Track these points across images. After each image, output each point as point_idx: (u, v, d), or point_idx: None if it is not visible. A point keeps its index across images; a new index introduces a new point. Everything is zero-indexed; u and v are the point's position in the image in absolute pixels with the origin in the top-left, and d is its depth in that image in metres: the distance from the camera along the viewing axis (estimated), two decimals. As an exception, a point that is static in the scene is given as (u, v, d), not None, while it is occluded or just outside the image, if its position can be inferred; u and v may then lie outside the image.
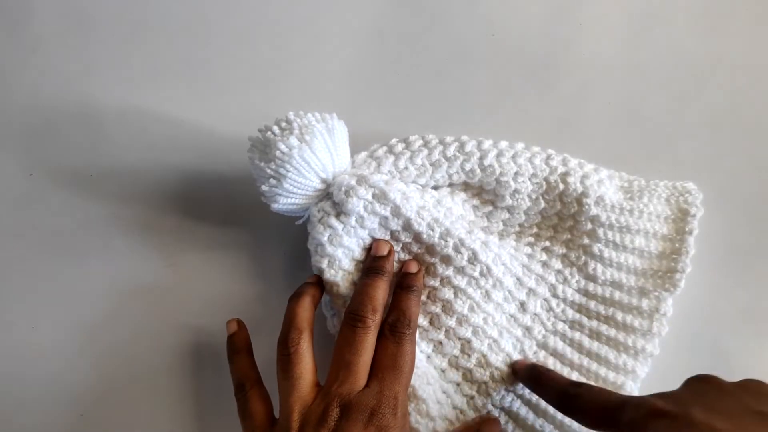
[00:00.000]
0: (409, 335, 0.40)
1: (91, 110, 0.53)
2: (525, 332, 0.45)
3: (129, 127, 0.52)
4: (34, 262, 0.49)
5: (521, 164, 0.45)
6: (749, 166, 0.51)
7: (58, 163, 0.52)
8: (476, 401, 0.43)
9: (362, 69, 0.54)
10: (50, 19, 0.55)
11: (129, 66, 0.54)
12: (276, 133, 0.41)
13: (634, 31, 0.54)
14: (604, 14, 0.55)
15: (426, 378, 0.42)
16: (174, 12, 0.55)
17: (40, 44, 0.54)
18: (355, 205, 0.42)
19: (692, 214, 0.47)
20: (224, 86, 0.53)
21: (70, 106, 0.53)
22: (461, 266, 0.44)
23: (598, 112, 0.53)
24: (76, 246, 0.50)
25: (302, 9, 0.55)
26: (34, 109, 0.53)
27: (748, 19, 0.54)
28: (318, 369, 0.40)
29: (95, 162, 0.51)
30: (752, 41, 0.54)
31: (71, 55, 0.54)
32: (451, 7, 0.55)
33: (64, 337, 0.48)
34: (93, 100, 0.53)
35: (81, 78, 0.54)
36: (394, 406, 0.37)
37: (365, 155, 0.45)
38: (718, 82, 0.53)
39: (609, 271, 0.47)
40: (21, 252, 0.50)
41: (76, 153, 0.52)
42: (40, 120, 0.53)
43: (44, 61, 0.54)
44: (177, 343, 0.48)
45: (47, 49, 0.54)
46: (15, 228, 0.50)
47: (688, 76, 0.53)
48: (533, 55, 0.54)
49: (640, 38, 0.54)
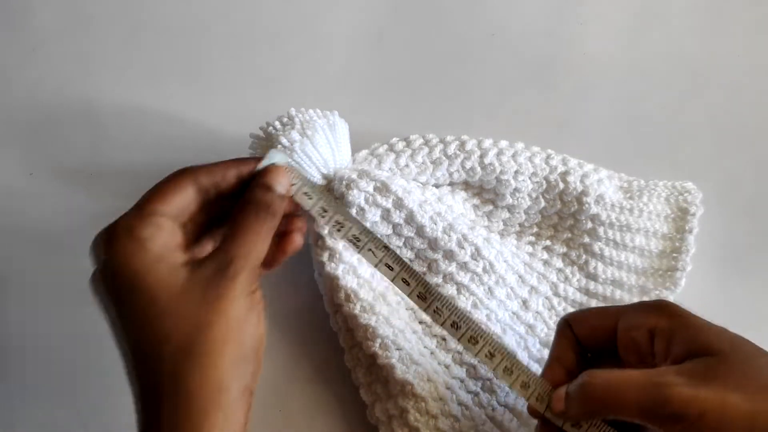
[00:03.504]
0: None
1: (91, 110, 0.53)
2: (528, 330, 0.45)
3: (129, 127, 0.52)
4: (34, 262, 0.49)
5: (521, 163, 0.45)
6: (749, 166, 0.51)
7: (58, 162, 0.51)
8: (481, 398, 0.43)
9: (362, 69, 0.54)
10: (50, 18, 0.55)
11: (129, 66, 0.54)
12: (277, 128, 0.41)
13: (635, 31, 0.55)
14: (604, 14, 0.55)
15: (426, 375, 0.42)
16: (174, 12, 0.55)
17: (40, 44, 0.54)
18: (356, 197, 0.42)
19: (692, 213, 0.47)
20: (224, 86, 0.53)
21: (69, 106, 0.53)
22: (464, 262, 0.44)
23: (598, 112, 0.53)
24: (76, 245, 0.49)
25: (302, 9, 0.55)
26: (34, 109, 0.53)
27: (748, 19, 0.55)
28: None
29: (95, 161, 0.51)
30: (752, 41, 0.54)
31: (71, 55, 0.54)
32: (451, 7, 0.55)
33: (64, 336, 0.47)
34: (93, 99, 0.53)
35: (81, 78, 0.54)
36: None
37: (366, 153, 0.45)
38: (718, 82, 0.53)
39: (610, 270, 0.47)
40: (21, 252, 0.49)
41: (76, 152, 0.52)
42: (40, 119, 0.53)
43: (44, 61, 0.54)
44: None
45: (47, 48, 0.54)
46: (15, 227, 0.50)
47: (688, 76, 0.54)
48: (533, 55, 0.54)
49: (641, 38, 0.55)
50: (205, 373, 0.31)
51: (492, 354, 0.38)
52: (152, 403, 0.31)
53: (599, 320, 0.38)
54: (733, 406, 0.30)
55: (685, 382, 0.31)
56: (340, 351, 0.45)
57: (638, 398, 0.32)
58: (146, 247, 0.33)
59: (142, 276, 0.32)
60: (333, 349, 0.45)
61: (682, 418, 0.31)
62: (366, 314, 0.42)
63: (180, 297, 0.32)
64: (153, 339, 0.31)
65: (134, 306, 0.32)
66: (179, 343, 0.31)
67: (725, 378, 0.31)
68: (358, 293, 0.42)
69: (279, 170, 0.37)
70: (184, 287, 0.32)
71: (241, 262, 0.33)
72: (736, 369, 0.31)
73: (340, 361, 0.45)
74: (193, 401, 0.31)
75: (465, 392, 0.43)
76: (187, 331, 0.31)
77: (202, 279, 0.32)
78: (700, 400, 0.30)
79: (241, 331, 0.33)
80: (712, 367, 0.32)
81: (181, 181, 0.36)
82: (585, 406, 0.35)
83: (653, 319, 0.35)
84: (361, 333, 0.42)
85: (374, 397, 0.43)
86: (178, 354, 0.31)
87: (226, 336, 0.32)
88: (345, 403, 0.45)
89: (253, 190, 0.36)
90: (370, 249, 0.38)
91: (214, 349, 0.32)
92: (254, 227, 0.35)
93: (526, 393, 0.37)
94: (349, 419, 0.45)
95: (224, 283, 0.33)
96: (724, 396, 0.30)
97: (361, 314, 0.42)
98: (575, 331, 0.40)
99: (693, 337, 0.34)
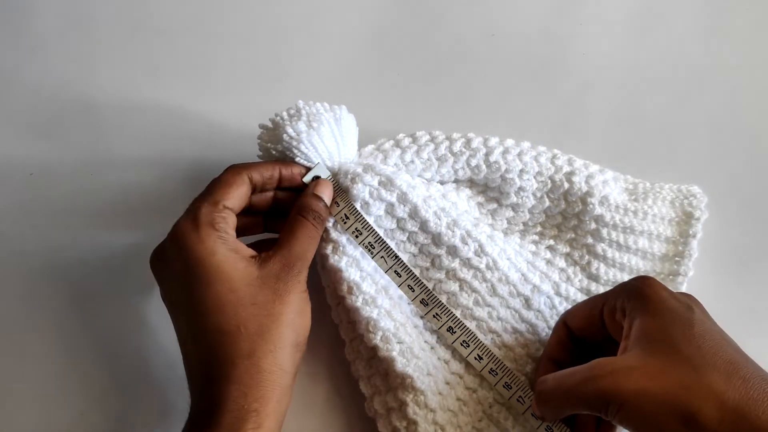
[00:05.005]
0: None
1: (91, 110, 0.53)
2: (529, 328, 0.45)
3: (129, 127, 0.52)
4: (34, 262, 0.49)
5: (527, 162, 0.45)
6: (749, 166, 0.51)
7: (58, 162, 0.51)
8: (478, 394, 0.43)
9: (362, 69, 0.54)
10: (51, 18, 0.55)
11: (129, 65, 0.54)
12: (285, 119, 0.42)
13: (634, 31, 0.55)
14: (604, 14, 0.56)
15: (426, 369, 0.42)
16: (174, 12, 0.56)
17: (40, 44, 0.55)
18: (361, 191, 0.42)
19: (696, 218, 0.47)
20: (225, 86, 0.54)
21: (70, 106, 0.53)
22: (467, 258, 0.44)
23: (598, 112, 0.53)
24: (76, 245, 0.49)
25: (303, 9, 0.56)
26: (34, 109, 0.53)
27: (748, 20, 0.55)
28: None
29: (95, 161, 0.51)
30: (752, 41, 0.55)
31: (71, 55, 0.54)
32: (451, 7, 0.56)
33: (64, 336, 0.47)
34: (93, 99, 0.53)
35: (81, 77, 0.54)
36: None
37: (372, 148, 0.46)
38: (718, 82, 0.54)
39: (612, 272, 0.47)
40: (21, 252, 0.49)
41: (76, 152, 0.52)
42: (40, 119, 0.53)
43: (45, 61, 0.54)
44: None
45: (48, 48, 0.55)
46: (15, 227, 0.50)
47: (688, 76, 0.54)
48: (533, 55, 0.55)
49: (640, 38, 0.55)
50: (275, 356, 0.36)
51: (480, 357, 0.43)
52: (221, 379, 0.35)
53: (589, 309, 0.40)
54: (650, 395, 0.32)
55: (610, 372, 0.34)
56: (340, 343, 0.45)
57: (579, 393, 0.34)
58: (225, 239, 0.38)
59: (223, 265, 0.37)
60: (333, 342, 0.45)
61: (608, 407, 0.33)
62: (368, 307, 0.42)
63: (255, 288, 0.37)
64: (232, 323, 0.36)
65: (216, 292, 0.36)
66: (256, 328, 0.36)
67: (646, 367, 0.33)
68: (361, 286, 0.42)
69: (327, 183, 0.42)
70: (258, 280, 0.37)
71: (303, 262, 0.39)
72: (662, 356, 0.33)
73: (340, 354, 0.45)
74: (266, 379, 0.36)
75: (463, 388, 0.43)
76: (263, 319, 0.36)
77: (271, 274, 0.38)
78: (620, 392, 0.33)
79: (298, 322, 0.38)
80: (640, 356, 0.34)
81: (239, 176, 0.40)
82: (548, 409, 0.37)
83: (624, 301, 0.37)
84: (363, 325, 0.42)
85: (373, 390, 0.43)
86: (255, 338, 0.36)
87: (290, 325, 0.37)
88: (344, 395, 0.45)
89: (309, 200, 0.41)
90: (382, 256, 0.43)
91: (283, 337, 0.37)
92: (311, 232, 0.40)
93: (508, 394, 0.42)
94: (347, 412, 0.45)
95: (291, 279, 0.38)
96: (643, 386, 0.32)
97: (363, 307, 0.42)
98: (570, 325, 0.41)
99: (642, 323, 0.35)
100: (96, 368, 0.47)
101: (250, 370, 0.35)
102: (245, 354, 0.35)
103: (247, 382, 0.35)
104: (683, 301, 0.36)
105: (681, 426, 0.31)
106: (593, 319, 0.40)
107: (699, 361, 0.33)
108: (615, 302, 0.38)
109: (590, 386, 0.34)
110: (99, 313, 0.48)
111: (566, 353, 0.42)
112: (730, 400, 0.31)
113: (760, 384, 0.31)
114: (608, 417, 0.34)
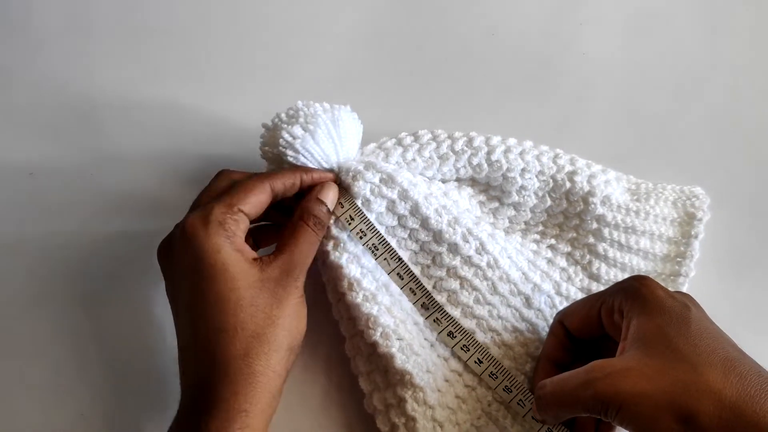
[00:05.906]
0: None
1: (91, 110, 0.53)
2: (529, 327, 0.45)
3: (129, 127, 0.52)
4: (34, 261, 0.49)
5: (529, 161, 0.46)
6: (749, 166, 0.52)
7: (59, 162, 0.51)
8: (477, 392, 0.43)
9: (362, 69, 0.55)
10: (51, 18, 0.55)
11: (129, 66, 0.54)
12: (283, 120, 0.42)
13: (634, 31, 0.55)
14: (604, 14, 0.56)
15: (425, 366, 0.42)
16: (174, 12, 0.56)
17: (40, 44, 0.55)
18: (362, 188, 0.42)
19: (698, 218, 0.47)
20: (225, 87, 0.54)
21: (70, 106, 0.53)
22: (468, 255, 0.44)
23: (598, 112, 0.53)
24: (76, 245, 0.49)
25: (302, 9, 0.56)
26: (34, 109, 0.53)
27: (748, 20, 0.55)
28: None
29: (95, 161, 0.51)
30: (752, 41, 0.55)
31: (71, 55, 0.54)
32: (451, 7, 0.56)
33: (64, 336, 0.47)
34: (93, 99, 0.53)
35: (81, 77, 0.54)
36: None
37: (374, 146, 0.46)
38: (718, 82, 0.54)
39: (613, 271, 0.47)
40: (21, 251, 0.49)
41: (76, 152, 0.52)
42: (40, 119, 0.53)
43: (45, 61, 0.54)
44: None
45: (48, 48, 0.55)
46: (15, 227, 0.50)
47: (688, 76, 0.54)
48: (533, 55, 0.55)
49: (640, 38, 0.55)
50: (269, 358, 0.37)
51: (481, 360, 0.43)
52: (214, 378, 0.36)
53: (587, 310, 0.40)
54: (648, 395, 0.32)
55: (607, 375, 0.34)
56: (340, 340, 0.45)
57: (578, 397, 0.35)
58: (231, 239, 0.38)
59: (227, 265, 0.37)
60: (333, 338, 0.45)
61: (607, 410, 0.33)
62: (368, 303, 0.42)
63: (256, 291, 0.37)
64: (230, 322, 0.36)
65: (218, 290, 0.37)
66: (253, 330, 0.36)
67: (644, 368, 0.33)
68: (361, 282, 0.42)
69: (332, 187, 0.42)
70: (259, 283, 0.37)
71: (301, 267, 0.39)
72: (659, 356, 0.34)
73: (340, 350, 0.45)
74: (258, 381, 0.36)
75: (462, 386, 0.43)
76: (260, 321, 0.37)
77: (271, 278, 0.38)
78: (618, 394, 0.33)
79: (294, 326, 0.39)
80: (638, 357, 0.34)
81: (261, 184, 0.40)
82: (549, 413, 0.37)
83: (621, 301, 0.37)
84: (363, 322, 0.42)
85: (373, 387, 0.43)
86: (251, 340, 0.36)
87: (285, 329, 0.38)
88: (343, 392, 0.45)
89: (312, 205, 0.41)
90: (385, 258, 0.43)
91: (278, 340, 0.37)
92: (311, 238, 0.40)
93: (509, 397, 0.42)
94: (346, 409, 0.45)
95: (290, 284, 0.38)
96: (640, 388, 0.33)
97: (364, 303, 0.42)
98: (567, 325, 0.42)
99: (639, 323, 0.36)
100: (96, 368, 0.47)
101: (243, 371, 0.36)
102: (240, 354, 0.36)
103: (239, 382, 0.35)
104: (680, 299, 0.36)
105: (680, 425, 0.31)
106: (591, 319, 0.40)
107: (696, 360, 0.33)
108: (612, 303, 0.38)
109: (588, 390, 0.34)
110: (99, 313, 0.48)
111: (564, 353, 0.42)
112: (727, 397, 0.31)
113: (757, 380, 0.32)
114: (608, 419, 0.34)
